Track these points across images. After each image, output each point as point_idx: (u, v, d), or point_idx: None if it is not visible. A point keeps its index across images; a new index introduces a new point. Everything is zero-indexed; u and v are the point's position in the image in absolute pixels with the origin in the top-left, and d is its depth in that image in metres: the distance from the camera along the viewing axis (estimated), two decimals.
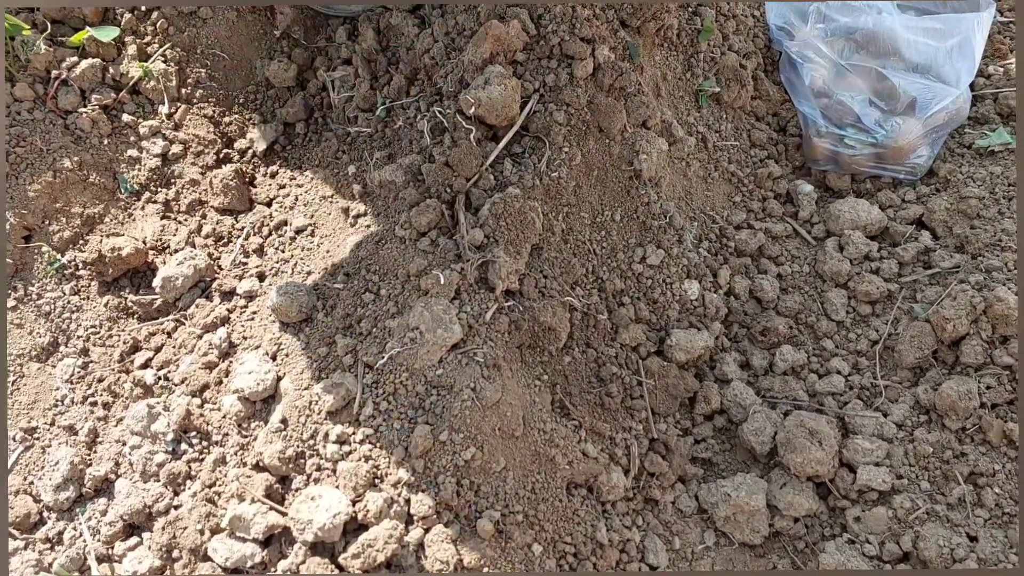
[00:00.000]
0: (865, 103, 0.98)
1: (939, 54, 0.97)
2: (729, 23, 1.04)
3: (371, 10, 1.06)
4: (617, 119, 0.87)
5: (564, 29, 0.87)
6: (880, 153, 0.97)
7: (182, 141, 0.97)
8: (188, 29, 0.99)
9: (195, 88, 0.99)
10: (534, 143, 0.86)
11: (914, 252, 0.93)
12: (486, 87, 0.83)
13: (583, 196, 0.87)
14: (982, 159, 0.98)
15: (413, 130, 0.89)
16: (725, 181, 1.01)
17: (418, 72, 0.95)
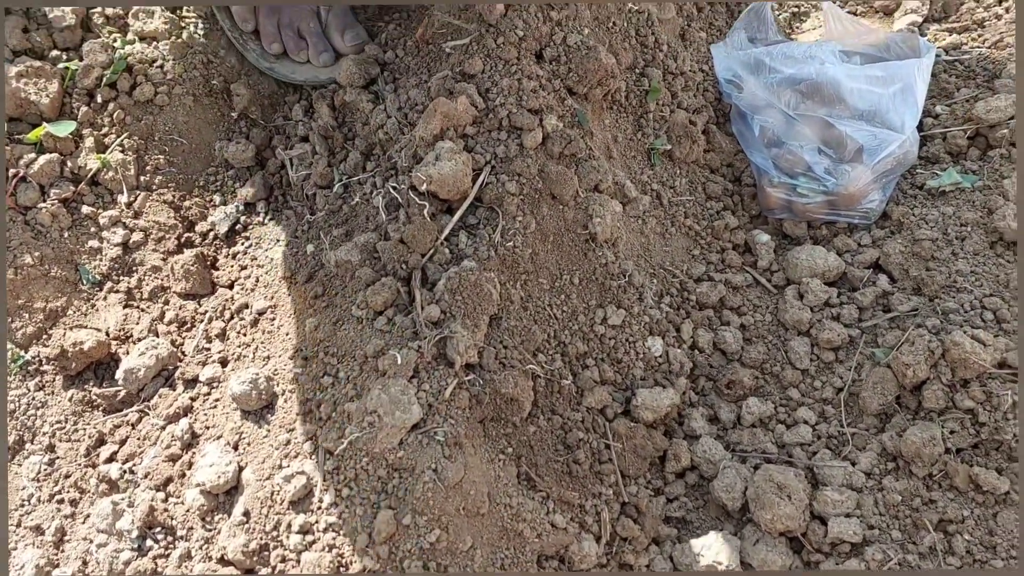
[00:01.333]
0: (815, 152, 1.00)
1: (883, 100, 0.99)
2: (677, 80, 1.06)
3: (324, 86, 1.08)
4: (569, 185, 0.88)
5: (512, 102, 0.88)
6: (833, 200, 0.99)
7: (142, 228, 0.97)
8: (145, 117, 1.01)
9: (154, 175, 1.00)
10: (488, 214, 0.87)
11: (872, 296, 0.94)
12: (437, 163, 0.84)
13: (540, 262, 0.88)
14: (934, 199, 1.00)
15: (369, 206, 0.90)
16: (683, 235, 1.02)
17: (373, 147, 0.97)
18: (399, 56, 1.03)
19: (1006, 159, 0.99)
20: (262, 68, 1.10)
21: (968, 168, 1.01)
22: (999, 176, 0.98)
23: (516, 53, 0.91)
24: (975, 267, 0.91)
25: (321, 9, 1.09)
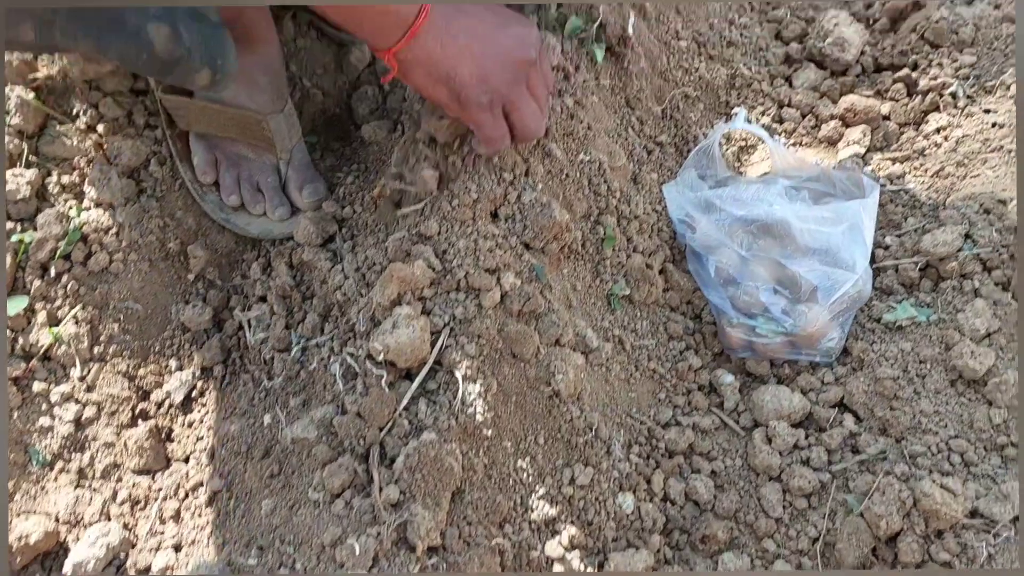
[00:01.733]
0: (770, 292, 1.01)
1: (832, 239, 1.01)
2: (632, 224, 1.07)
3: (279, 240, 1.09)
4: (529, 344, 0.88)
5: (469, 263, 0.89)
6: (792, 340, 0.99)
7: (95, 403, 0.95)
8: (100, 286, 1.00)
9: (108, 345, 0.99)
10: (448, 378, 0.86)
11: (840, 438, 0.94)
12: (394, 331, 0.83)
13: (503, 425, 0.86)
14: (892, 334, 1.00)
15: (327, 373, 0.89)
16: (648, 379, 1.02)
17: (332, 308, 0.96)
18: (356, 212, 1.04)
19: (958, 291, 1.01)
20: (218, 219, 1.11)
21: (922, 301, 1.02)
22: (953, 309, 0.99)
23: (471, 214, 0.92)
24: (938, 407, 0.91)
25: (281, 163, 1.10)
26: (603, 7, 1.14)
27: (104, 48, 0.77)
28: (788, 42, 1.44)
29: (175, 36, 0.82)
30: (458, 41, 0.82)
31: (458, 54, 0.82)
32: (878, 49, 1.38)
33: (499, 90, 0.86)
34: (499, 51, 0.86)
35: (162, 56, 0.81)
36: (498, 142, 0.89)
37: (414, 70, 0.82)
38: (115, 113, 1.11)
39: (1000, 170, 1.12)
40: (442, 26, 0.80)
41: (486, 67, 0.84)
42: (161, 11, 0.80)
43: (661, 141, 1.22)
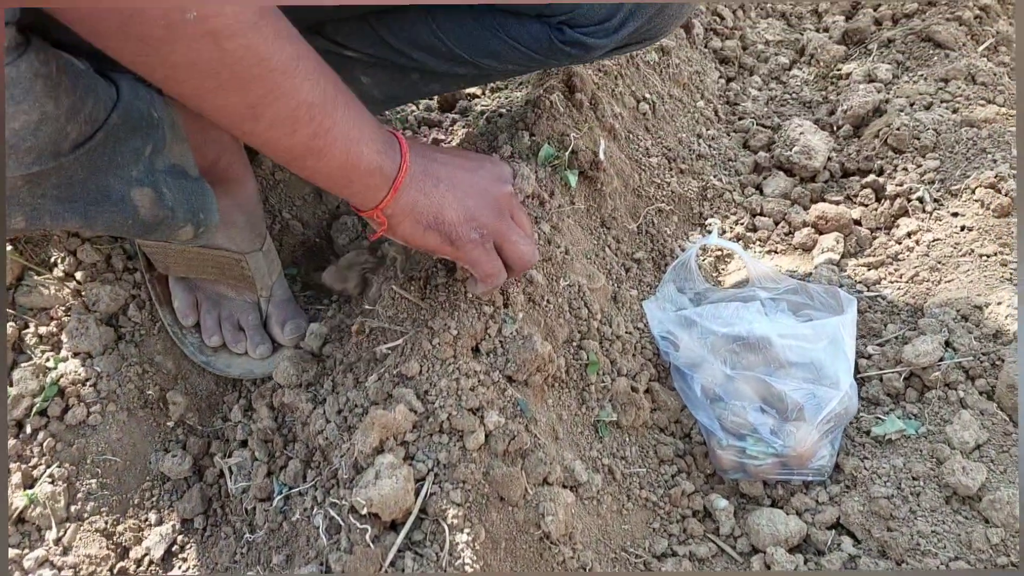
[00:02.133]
0: (758, 411, 1.00)
1: (814, 354, 1.01)
2: (615, 346, 1.07)
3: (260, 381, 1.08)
4: (517, 486, 0.86)
5: (451, 403, 0.88)
6: (783, 461, 0.98)
7: (71, 566, 0.92)
8: (77, 441, 0.98)
9: (86, 502, 0.96)
10: (435, 527, 0.83)
11: (840, 563, 0.91)
12: (377, 483, 0.81)
13: (494, 574, 0.84)
14: (882, 448, 1.00)
15: (310, 526, 0.87)
16: (640, 508, 1.00)
17: (314, 453, 0.95)
18: (337, 349, 1.03)
19: (944, 401, 1.01)
20: (198, 362, 1.10)
21: (909, 412, 1.02)
22: (940, 421, 0.99)
23: (452, 352, 0.92)
24: (935, 526, 0.90)
25: (262, 301, 1.10)
26: (572, 135, 1.17)
27: (91, 222, 0.78)
28: (756, 151, 1.48)
29: (158, 198, 0.83)
30: (439, 187, 0.84)
31: (441, 198, 0.84)
32: (844, 155, 1.42)
33: (488, 225, 0.87)
34: (478, 190, 0.88)
35: (146, 220, 0.83)
36: (495, 277, 0.90)
37: (402, 222, 0.83)
38: (93, 259, 1.11)
39: (973, 275, 1.13)
40: (421, 175, 0.82)
41: (470, 206, 0.86)
42: (142, 174, 0.82)
43: (638, 258, 1.24)
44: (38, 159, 0.69)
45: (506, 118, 1.27)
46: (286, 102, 0.69)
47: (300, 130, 0.72)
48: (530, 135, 1.18)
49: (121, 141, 0.77)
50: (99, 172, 0.77)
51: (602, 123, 1.28)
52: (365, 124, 0.77)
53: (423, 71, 1.08)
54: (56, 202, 0.73)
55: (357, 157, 0.77)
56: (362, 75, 1.11)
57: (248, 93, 0.68)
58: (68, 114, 0.69)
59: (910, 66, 1.54)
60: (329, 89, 0.73)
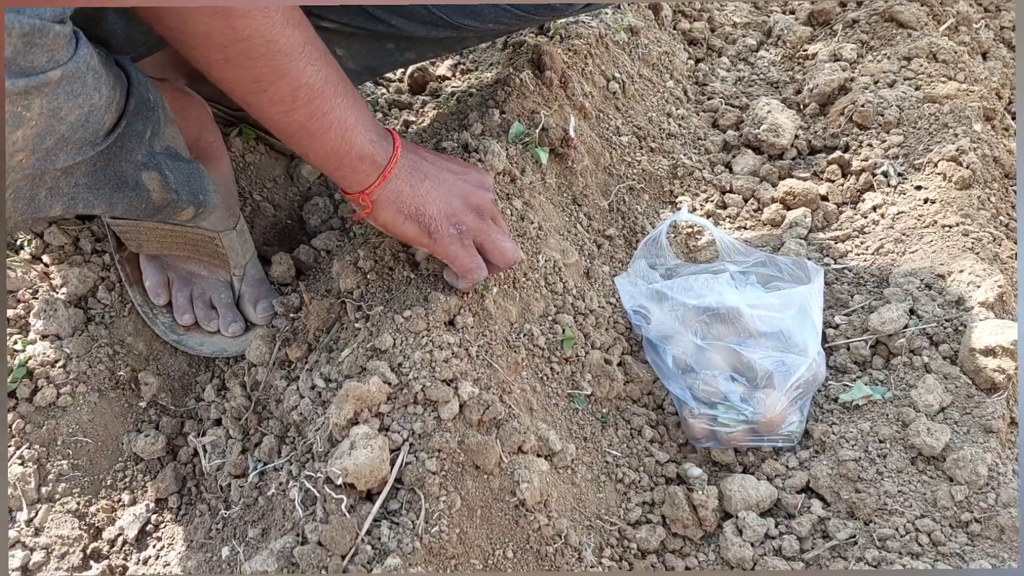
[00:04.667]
0: (728, 380, 1.02)
1: (783, 323, 1.03)
2: (588, 319, 1.08)
3: (233, 359, 1.07)
4: (492, 454, 0.87)
5: (425, 375, 0.88)
6: (754, 427, 1.00)
7: (44, 547, 0.91)
8: (47, 422, 0.97)
9: (57, 483, 0.95)
10: (411, 496, 0.84)
11: (809, 525, 0.93)
12: (352, 452, 0.82)
13: (470, 541, 0.84)
14: (850, 413, 1.01)
15: (286, 499, 0.87)
16: (615, 478, 1.01)
17: (289, 429, 0.95)
18: (308, 325, 1.03)
19: (909, 367, 1.03)
20: (170, 341, 1.09)
21: (876, 379, 1.04)
22: (906, 386, 1.01)
23: (425, 324, 0.92)
24: (902, 486, 0.92)
25: (235, 280, 1.10)
26: (543, 112, 1.18)
27: (114, 207, 0.81)
28: (725, 130, 1.50)
29: (163, 180, 0.87)
30: (425, 183, 0.88)
31: (425, 193, 0.88)
32: (811, 132, 1.44)
33: (467, 223, 0.91)
34: (462, 191, 0.92)
35: (157, 202, 0.86)
36: (474, 272, 0.92)
37: (385, 209, 0.87)
38: (61, 241, 1.10)
39: (936, 245, 1.16)
40: (410, 169, 0.87)
41: (453, 204, 0.90)
42: (146, 157, 0.84)
43: (610, 234, 1.25)
44: (81, 150, 0.71)
45: (476, 97, 1.28)
46: (288, 82, 0.75)
47: (298, 109, 0.77)
48: (500, 113, 1.18)
49: (131, 126, 0.79)
50: (115, 159, 0.79)
51: (572, 101, 1.29)
52: (362, 114, 0.82)
53: (399, 38, 1.10)
54: (87, 190, 0.76)
55: (350, 142, 0.82)
56: (337, 47, 1.11)
57: (253, 69, 0.74)
58: (107, 104, 0.71)
59: (874, 45, 1.56)
60: (331, 76, 0.78)
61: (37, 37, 0.59)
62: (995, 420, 0.94)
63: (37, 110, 0.62)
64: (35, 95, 0.61)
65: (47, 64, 0.61)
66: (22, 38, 0.58)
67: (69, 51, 0.63)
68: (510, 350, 0.98)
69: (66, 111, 0.66)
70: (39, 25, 0.58)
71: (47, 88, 0.62)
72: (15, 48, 0.58)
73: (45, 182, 0.71)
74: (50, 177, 0.71)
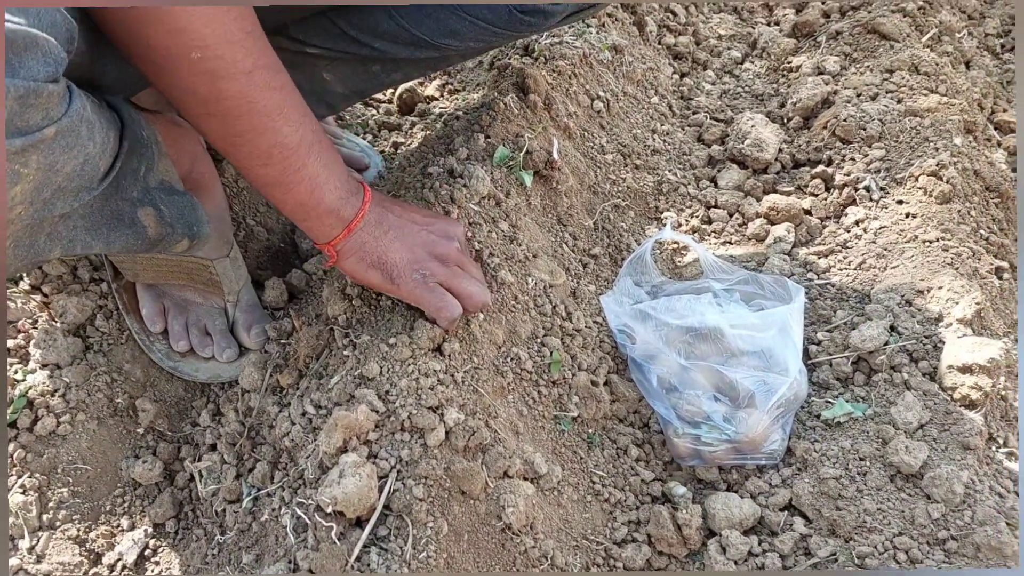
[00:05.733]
0: (711, 399, 1.04)
1: (764, 342, 1.05)
2: (575, 340, 1.10)
3: (228, 384, 1.10)
4: (477, 480, 0.89)
5: (411, 403, 0.91)
6: (737, 446, 1.02)
7: (46, 574, 0.93)
8: (47, 451, 0.99)
9: (58, 510, 0.98)
10: (399, 522, 0.86)
11: (791, 543, 0.95)
12: (341, 481, 0.84)
13: (457, 565, 0.87)
14: (831, 431, 1.04)
15: (278, 525, 0.89)
16: (601, 497, 1.03)
17: (281, 455, 0.97)
18: (300, 352, 1.05)
19: (889, 383, 1.05)
20: (166, 367, 1.12)
21: (857, 395, 1.06)
22: (886, 402, 1.03)
23: (411, 352, 0.94)
24: (881, 504, 0.94)
25: (229, 306, 1.12)
26: (527, 136, 1.20)
27: (111, 245, 0.84)
28: (710, 144, 1.52)
29: (159, 215, 0.89)
30: (389, 234, 0.93)
31: (389, 244, 0.93)
32: (794, 147, 1.46)
33: (430, 269, 0.95)
34: (425, 241, 0.96)
35: (153, 237, 0.89)
36: (444, 310, 0.95)
37: (349, 258, 0.93)
38: (59, 271, 1.13)
39: (916, 260, 1.18)
40: (375, 223, 0.92)
41: (416, 253, 0.95)
42: (141, 193, 0.86)
43: (595, 253, 1.27)
44: (78, 196, 0.74)
45: (462, 121, 1.30)
46: (264, 140, 0.80)
47: (273, 165, 0.82)
48: (485, 137, 1.20)
49: (126, 165, 0.82)
50: (111, 198, 0.82)
51: (556, 122, 1.31)
52: (333, 172, 0.88)
53: (384, 61, 1.12)
54: (84, 231, 0.79)
55: (319, 198, 0.87)
56: (324, 72, 1.14)
57: (232, 126, 0.79)
58: (100, 151, 0.74)
59: (857, 57, 1.58)
60: (307, 136, 0.83)
61: (32, 98, 0.61)
62: (973, 437, 0.96)
63: (34, 166, 0.64)
64: (32, 152, 0.63)
65: (42, 122, 0.63)
66: (17, 100, 0.60)
67: (63, 107, 0.66)
68: (497, 374, 1.01)
69: (62, 163, 0.68)
70: (34, 87, 0.61)
71: (43, 144, 0.64)
72: (11, 110, 0.60)
73: (43, 229, 0.73)
74: (48, 224, 0.73)
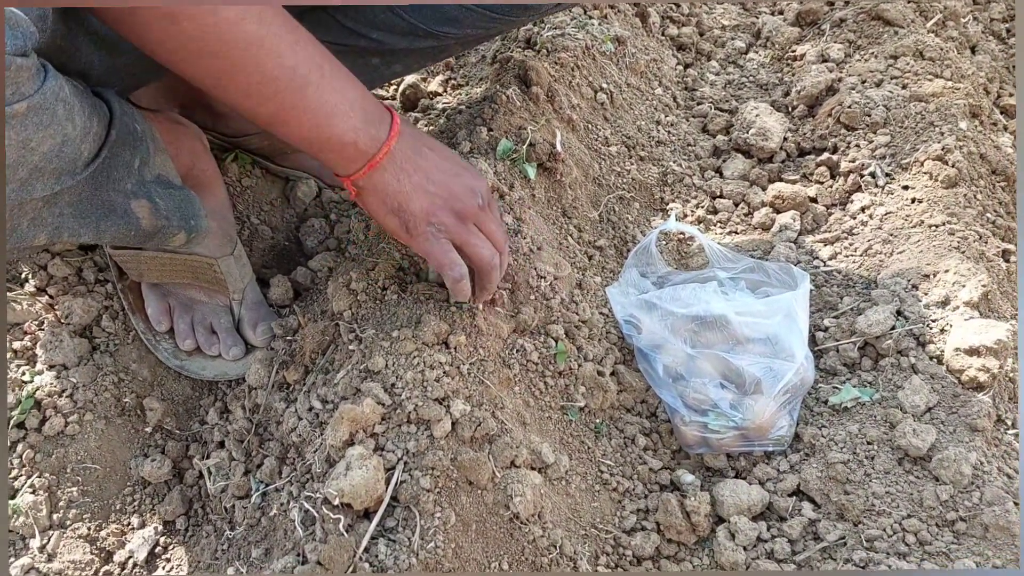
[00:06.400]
0: (717, 387, 1.03)
1: (770, 329, 1.05)
2: (581, 331, 1.10)
3: (234, 381, 1.10)
4: (484, 470, 0.89)
5: (417, 395, 0.91)
6: (744, 433, 1.01)
7: (57, 572, 0.94)
8: (56, 451, 1.00)
9: (68, 509, 0.98)
10: (406, 513, 0.86)
11: (800, 528, 0.95)
12: (348, 474, 0.84)
13: (465, 556, 0.87)
14: (839, 416, 1.03)
15: (287, 519, 0.89)
16: (609, 486, 1.03)
17: (288, 450, 0.97)
18: (305, 347, 1.05)
19: (896, 368, 1.04)
20: (173, 366, 1.12)
21: (864, 380, 1.05)
22: (893, 387, 1.02)
23: (416, 345, 0.94)
24: (889, 487, 0.93)
25: (234, 304, 1.13)
26: (529, 128, 1.20)
27: (102, 235, 0.84)
28: (715, 135, 1.51)
29: (154, 208, 0.88)
30: (412, 179, 0.88)
31: (411, 190, 0.88)
32: (799, 135, 1.45)
33: (446, 225, 0.91)
34: (449, 194, 0.91)
35: (147, 229, 0.89)
36: (448, 268, 0.92)
37: (369, 198, 0.88)
38: (64, 272, 1.13)
39: (923, 245, 1.17)
40: (400, 163, 0.86)
41: (436, 204, 0.90)
42: (135, 186, 0.86)
43: (600, 245, 1.27)
44: (59, 179, 0.73)
45: (465, 115, 1.30)
46: (246, 77, 0.74)
47: (265, 104, 0.77)
48: (488, 130, 1.20)
49: (117, 156, 0.82)
50: (102, 188, 0.81)
51: (560, 115, 1.31)
52: (343, 100, 0.80)
53: (383, 52, 1.11)
54: (72, 219, 0.78)
55: (328, 133, 0.80)
56: None
57: (210, 66, 0.74)
58: (82, 134, 0.73)
59: (861, 44, 1.57)
60: (300, 67, 0.76)
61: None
62: (981, 419, 0.95)
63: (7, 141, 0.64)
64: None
65: (12, 97, 0.63)
66: None
67: (36, 83, 0.65)
68: (503, 366, 1.01)
69: (37, 141, 0.67)
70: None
71: (14, 120, 0.64)
72: None
73: (26, 212, 0.73)
74: (31, 207, 0.73)
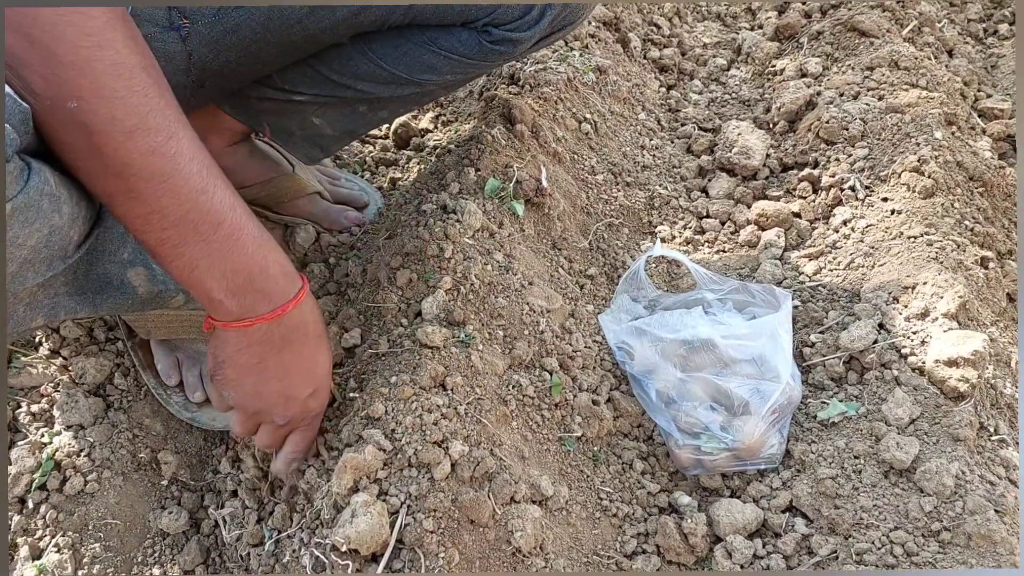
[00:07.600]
0: (708, 410, 1.07)
1: (755, 350, 1.08)
2: (575, 361, 1.14)
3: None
4: (485, 508, 0.93)
5: (416, 439, 0.95)
6: (736, 453, 1.05)
7: None
8: (78, 510, 1.05)
9: (92, 565, 1.03)
10: (411, 555, 0.90)
11: (794, 544, 0.98)
12: (353, 521, 0.88)
13: None
14: (827, 431, 1.06)
15: (299, 565, 0.93)
16: (609, 512, 1.06)
17: (298, 496, 1.01)
18: None
19: (880, 381, 1.08)
20: (184, 419, 1.17)
21: (851, 394, 1.09)
22: (878, 400, 1.05)
23: (413, 390, 0.98)
24: (876, 500, 0.96)
25: None
26: (515, 166, 1.24)
27: (99, 309, 0.86)
28: (699, 155, 1.55)
29: (150, 274, 0.91)
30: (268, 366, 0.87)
31: (259, 375, 0.88)
32: (781, 151, 1.49)
33: (265, 412, 0.93)
34: (287, 396, 0.92)
35: (144, 297, 0.91)
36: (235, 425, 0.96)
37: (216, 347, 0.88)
38: (76, 333, 1.18)
39: (902, 256, 1.20)
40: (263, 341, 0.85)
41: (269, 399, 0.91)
42: (132, 255, 0.89)
43: (591, 274, 1.30)
44: (51, 266, 0.76)
45: (453, 155, 1.34)
46: (140, 206, 0.73)
47: (149, 233, 0.75)
48: (475, 171, 1.25)
49: (109, 229, 0.84)
50: (97, 263, 0.84)
51: (545, 149, 1.35)
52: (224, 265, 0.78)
53: (369, 100, 1.16)
54: (68, 297, 0.81)
55: (198, 282, 0.78)
56: (314, 117, 1.19)
57: (107, 184, 0.72)
58: (70, 222, 0.75)
59: (838, 57, 1.60)
60: (194, 216, 0.74)
61: None
62: (963, 428, 0.98)
63: None
64: None
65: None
66: None
67: (18, 185, 0.66)
68: (500, 403, 1.04)
69: (24, 238, 0.69)
70: None
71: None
72: None
73: (21, 299, 0.75)
74: (25, 294, 0.75)
